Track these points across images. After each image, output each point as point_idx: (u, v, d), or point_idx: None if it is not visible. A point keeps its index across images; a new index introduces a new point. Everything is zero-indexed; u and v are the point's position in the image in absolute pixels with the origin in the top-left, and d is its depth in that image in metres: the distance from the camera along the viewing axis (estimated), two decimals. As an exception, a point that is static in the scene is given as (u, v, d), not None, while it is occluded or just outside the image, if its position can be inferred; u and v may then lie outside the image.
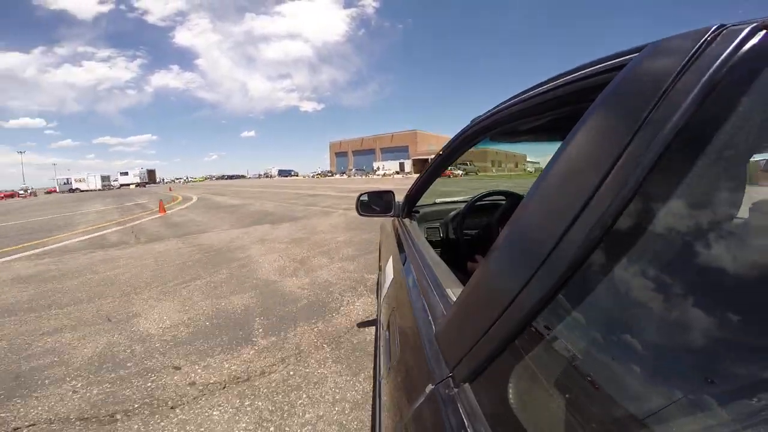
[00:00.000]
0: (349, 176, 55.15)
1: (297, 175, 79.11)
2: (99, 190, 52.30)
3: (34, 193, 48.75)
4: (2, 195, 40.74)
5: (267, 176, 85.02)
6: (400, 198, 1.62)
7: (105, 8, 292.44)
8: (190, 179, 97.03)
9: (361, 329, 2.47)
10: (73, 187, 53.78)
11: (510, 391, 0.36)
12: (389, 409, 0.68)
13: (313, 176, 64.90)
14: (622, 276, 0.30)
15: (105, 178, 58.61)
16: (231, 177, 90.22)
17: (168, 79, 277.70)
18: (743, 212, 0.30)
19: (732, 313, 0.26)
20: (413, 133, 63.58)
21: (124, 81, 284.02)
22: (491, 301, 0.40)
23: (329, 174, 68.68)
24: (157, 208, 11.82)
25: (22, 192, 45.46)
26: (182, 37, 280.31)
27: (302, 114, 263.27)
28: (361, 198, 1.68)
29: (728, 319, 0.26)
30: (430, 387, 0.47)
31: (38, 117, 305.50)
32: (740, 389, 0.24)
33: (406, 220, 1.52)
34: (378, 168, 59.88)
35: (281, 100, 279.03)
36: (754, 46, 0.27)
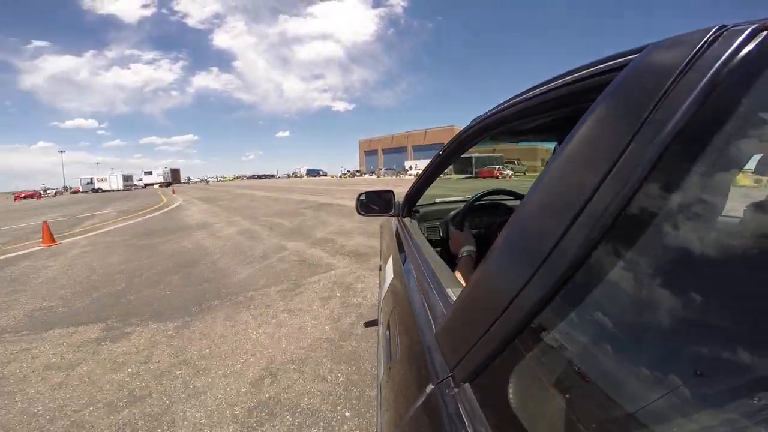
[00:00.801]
0: (378, 176, 50.62)
1: (325, 175, 76.04)
2: (120, 190, 51.57)
3: (60, 193, 49.44)
4: (23, 195, 39.69)
5: (295, 176, 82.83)
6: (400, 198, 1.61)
7: (148, 12, 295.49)
8: (219, 178, 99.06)
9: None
10: (96, 187, 53.43)
11: (510, 391, 0.36)
12: (389, 409, 0.68)
13: (341, 176, 61.71)
14: (622, 276, 0.30)
15: (127, 178, 58.18)
16: (261, 177, 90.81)
17: (208, 80, 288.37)
18: (742, 213, 0.30)
19: (735, 314, 0.26)
20: (450, 129, 58.22)
21: (167, 83, 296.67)
22: (491, 301, 0.40)
23: (358, 174, 65.04)
24: (99, 223, 8.88)
25: (42, 192, 45.01)
26: (220, 40, 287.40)
27: (334, 114, 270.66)
28: (360, 197, 1.68)
29: (732, 319, 0.26)
30: (430, 387, 0.48)
31: (91, 118, 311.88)
32: (741, 388, 0.24)
33: (407, 220, 1.52)
34: (410, 167, 54.14)
35: (314, 101, 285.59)
36: (755, 47, 0.27)
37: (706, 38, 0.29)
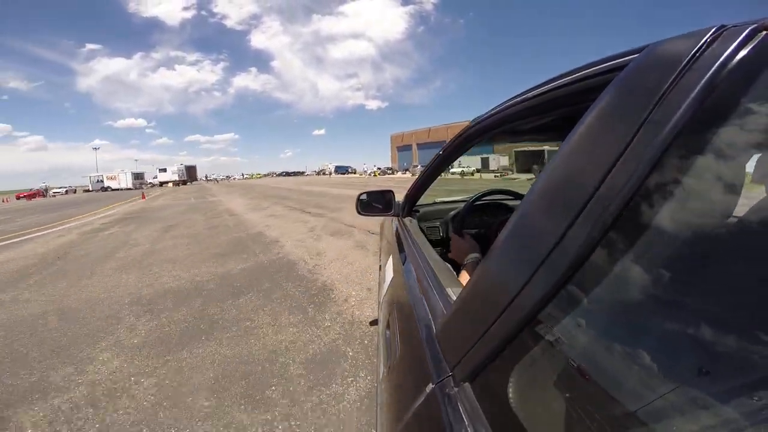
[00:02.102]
0: (413, 174, 39.64)
1: (354, 172, 67.90)
2: (129, 188, 47.41)
3: (74, 191, 47.80)
4: (24, 195, 35.98)
5: (323, 173, 75.90)
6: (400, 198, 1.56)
7: (189, 14, 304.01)
8: (245, 176, 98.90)
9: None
10: (105, 186, 50.65)
11: (510, 390, 0.37)
12: (389, 408, 0.68)
13: (370, 174, 54.85)
14: (622, 275, 0.30)
15: (138, 176, 53.58)
16: (288, 174, 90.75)
17: (247, 80, 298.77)
18: (743, 211, 0.30)
19: (735, 313, 0.26)
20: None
21: (210, 83, 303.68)
22: (491, 301, 0.40)
23: (389, 171, 57.34)
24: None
25: (44, 191, 40.89)
26: (257, 40, 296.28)
27: (367, 112, 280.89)
28: (360, 197, 1.68)
29: (731, 318, 0.26)
30: (430, 386, 0.48)
31: (140, 117, 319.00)
32: (741, 388, 0.24)
33: (407, 220, 1.53)
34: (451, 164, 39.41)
35: (349, 99, 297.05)
36: (754, 47, 0.27)
37: (705, 38, 0.29)
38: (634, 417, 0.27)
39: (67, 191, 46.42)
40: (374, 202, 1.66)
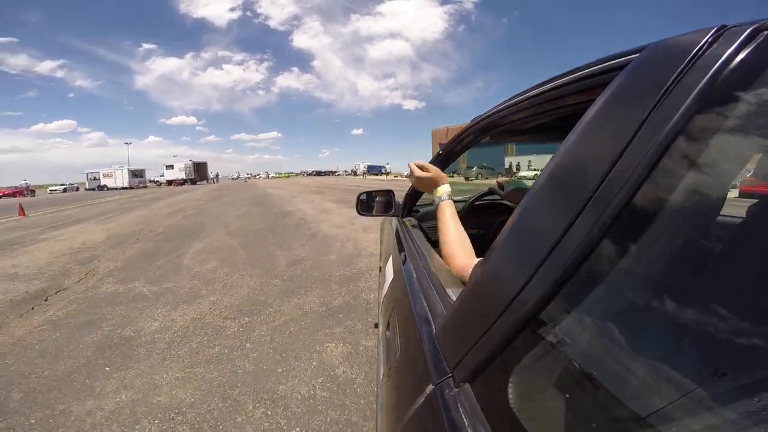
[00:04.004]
0: (461, 175, 27.02)
1: (388, 174, 58.80)
2: (125, 188, 42.51)
3: (75, 188, 45.00)
4: (2, 193, 33.37)
5: (354, 173, 70.01)
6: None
7: (235, 15, 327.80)
8: (273, 175, 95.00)
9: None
10: (102, 184, 45.67)
11: (510, 391, 0.36)
12: (389, 409, 0.68)
13: (407, 176, 52.44)
14: (623, 275, 0.30)
15: (137, 173, 47.32)
16: (319, 173, 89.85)
17: (290, 80, 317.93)
18: (743, 211, 0.30)
19: (735, 312, 0.26)
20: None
21: (255, 82, 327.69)
22: (491, 301, 0.40)
23: None
24: None
25: (26, 189, 36.55)
26: (299, 40, 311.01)
27: (404, 112, 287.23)
28: (360, 197, 1.68)
29: (731, 317, 0.26)
30: (430, 387, 0.47)
31: (191, 115, 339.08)
32: (742, 388, 0.24)
33: (407, 220, 1.53)
34: (516, 165, 26.62)
35: (386, 98, 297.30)
36: (755, 47, 0.27)
37: (706, 38, 0.29)
38: (635, 417, 0.27)
39: (65, 189, 42.90)
40: (374, 203, 1.65)
